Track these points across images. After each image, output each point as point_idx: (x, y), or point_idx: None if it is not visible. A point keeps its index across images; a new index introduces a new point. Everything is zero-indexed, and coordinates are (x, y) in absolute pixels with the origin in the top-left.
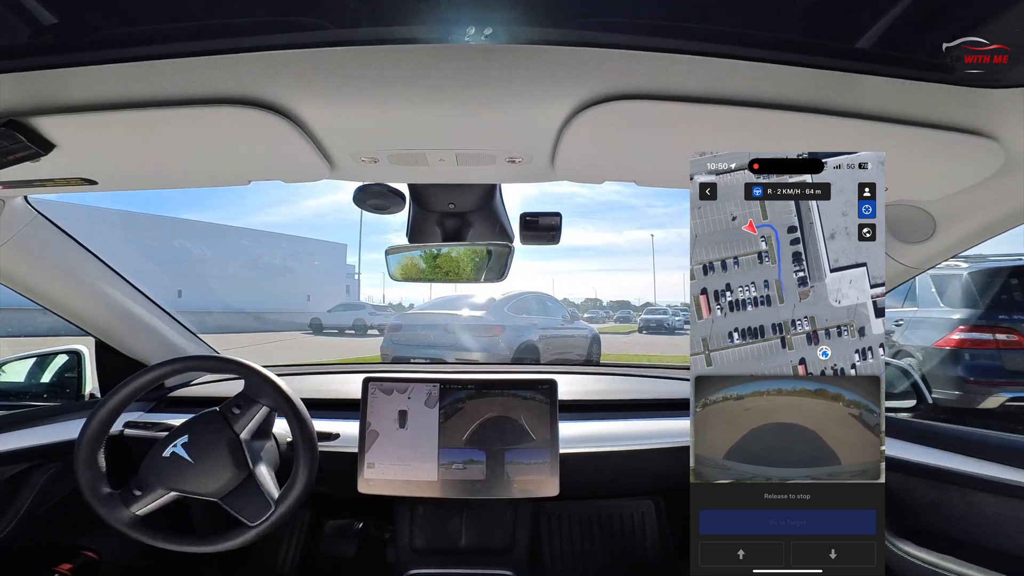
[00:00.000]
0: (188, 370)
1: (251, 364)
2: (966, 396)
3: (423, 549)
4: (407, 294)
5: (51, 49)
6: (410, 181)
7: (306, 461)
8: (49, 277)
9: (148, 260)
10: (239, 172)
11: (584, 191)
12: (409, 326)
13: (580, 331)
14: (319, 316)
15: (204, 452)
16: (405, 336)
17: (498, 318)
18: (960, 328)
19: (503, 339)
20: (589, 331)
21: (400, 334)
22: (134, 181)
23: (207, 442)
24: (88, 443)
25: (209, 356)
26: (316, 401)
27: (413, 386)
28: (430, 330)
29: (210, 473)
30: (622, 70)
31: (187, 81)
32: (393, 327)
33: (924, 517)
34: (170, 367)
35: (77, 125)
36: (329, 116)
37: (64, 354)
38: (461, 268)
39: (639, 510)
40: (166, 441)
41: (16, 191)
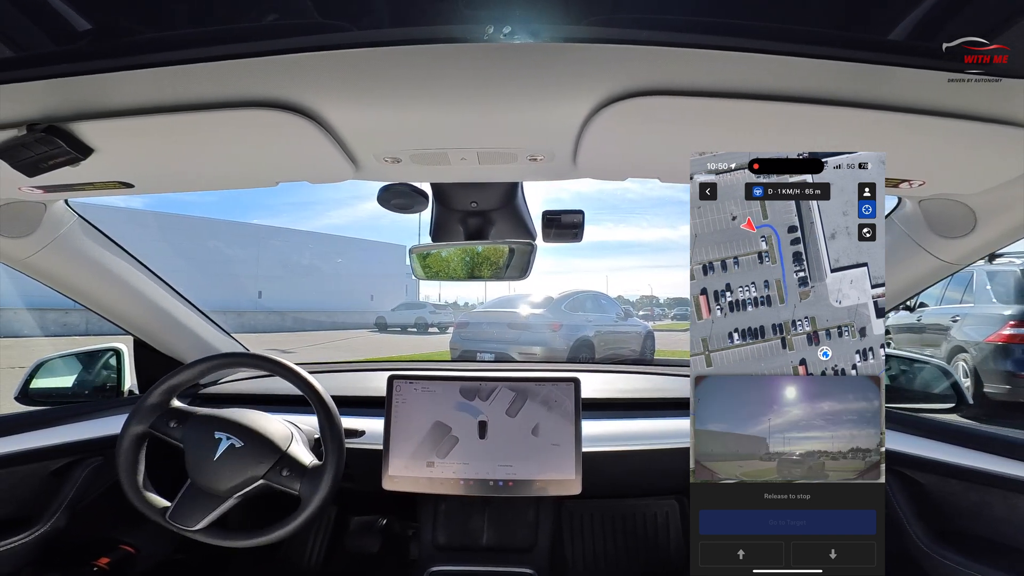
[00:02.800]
0: (224, 367)
1: (284, 361)
2: (1015, 390)
3: (445, 546)
4: (461, 293)
5: (88, 55)
6: (432, 180)
7: (334, 454)
8: (89, 277)
9: (230, 264)
10: (267, 174)
11: (634, 186)
12: (475, 323)
13: (634, 328)
14: (383, 315)
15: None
16: (472, 332)
17: (555, 315)
18: (1010, 323)
19: (560, 335)
20: (643, 328)
21: (467, 331)
22: (168, 183)
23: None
24: (148, 409)
25: (244, 353)
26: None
27: (438, 384)
28: (493, 327)
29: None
30: (643, 66)
31: (217, 85)
32: (460, 324)
33: (964, 520)
34: (207, 364)
35: (114, 129)
36: (353, 117)
37: (104, 352)
38: (484, 266)
39: (663, 509)
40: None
41: (56, 195)
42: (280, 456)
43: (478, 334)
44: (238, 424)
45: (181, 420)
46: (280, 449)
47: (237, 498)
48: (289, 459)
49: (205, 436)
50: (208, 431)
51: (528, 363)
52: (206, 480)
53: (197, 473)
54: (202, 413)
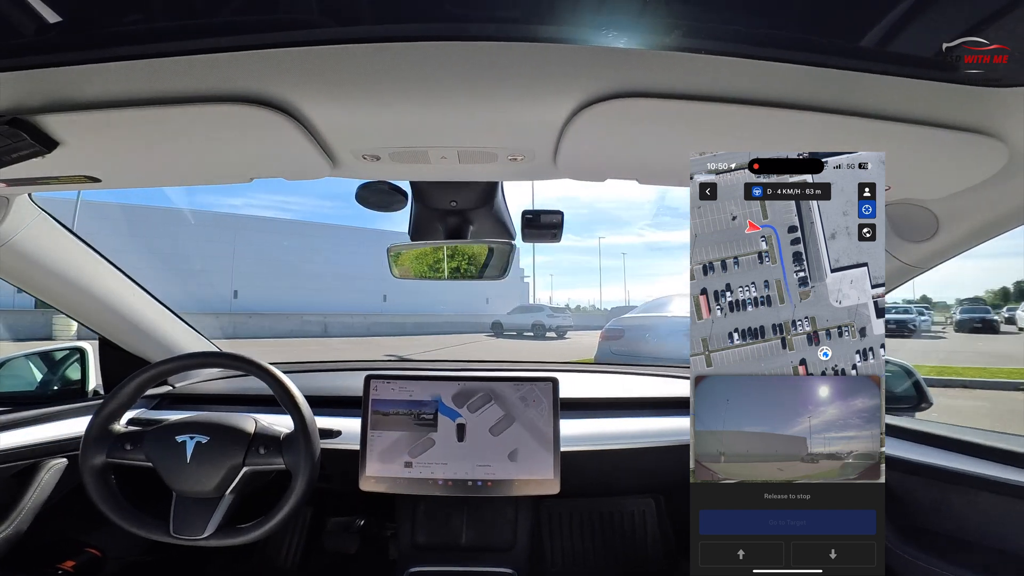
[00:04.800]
0: (193, 367)
1: (254, 359)
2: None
3: (425, 546)
4: (574, 296)
5: (54, 47)
6: (412, 179)
7: (307, 452)
8: (53, 274)
9: (360, 268)
10: (241, 170)
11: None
12: (631, 331)
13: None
14: (499, 319)
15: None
16: (625, 344)
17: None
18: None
19: None
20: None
21: (620, 342)
22: (137, 179)
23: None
24: (94, 443)
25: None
26: (319, 398)
27: (415, 384)
28: (649, 336)
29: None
30: (625, 68)
31: (190, 79)
32: (611, 334)
33: (925, 517)
34: (175, 363)
35: (80, 122)
36: (331, 114)
37: (67, 352)
38: (463, 266)
39: (640, 508)
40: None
41: (20, 189)
42: (251, 437)
43: (632, 346)
44: (196, 423)
45: (136, 441)
46: (247, 432)
47: (231, 494)
48: (261, 437)
49: (168, 445)
50: (169, 439)
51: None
52: (189, 485)
53: (177, 482)
54: (154, 427)
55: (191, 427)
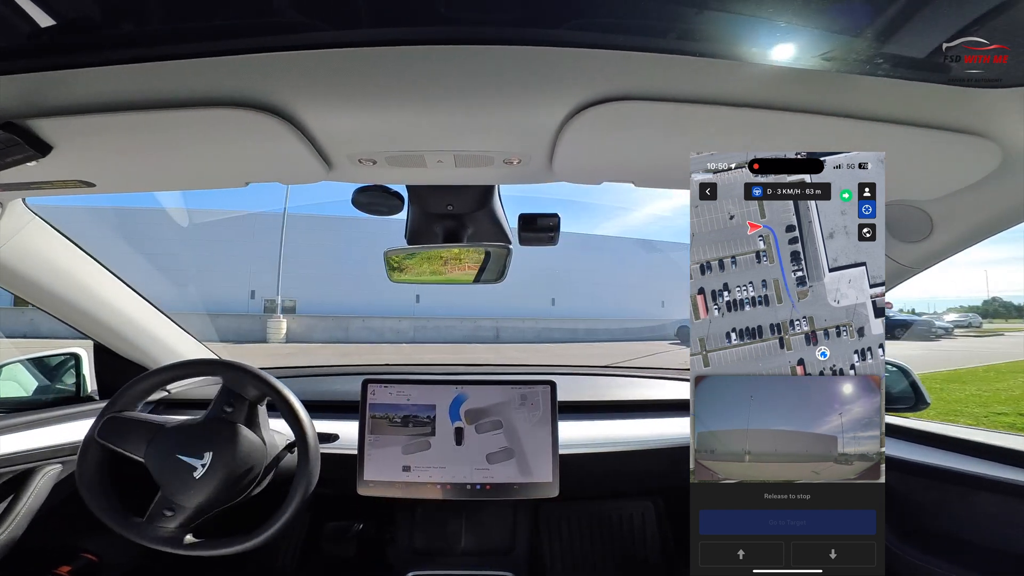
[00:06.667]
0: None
1: (250, 367)
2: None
3: (423, 551)
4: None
5: (49, 51)
6: (408, 183)
7: (306, 458)
8: (47, 280)
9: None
10: (236, 174)
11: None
12: None
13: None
14: (686, 325)
15: (233, 463)
16: None
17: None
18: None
19: None
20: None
21: None
22: (132, 183)
23: (233, 454)
24: (93, 452)
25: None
26: (317, 403)
27: (413, 388)
28: None
29: (241, 479)
30: (620, 72)
31: (185, 83)
32: None
33: (924, 517)
34: (176, 371)
35: (75, 127)
36: (327, 118)
37: (62, 357)
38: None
39: (639, 511)
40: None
41: (14, 193)
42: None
43: None
44: (203, 440)
45: (138, 441)
46: (258, 451)
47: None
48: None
49: (175, 463)
50: (172, 456)
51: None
52: (195, 502)
53: (185, 499)
54: (160, 438)
55: (198, 444)
